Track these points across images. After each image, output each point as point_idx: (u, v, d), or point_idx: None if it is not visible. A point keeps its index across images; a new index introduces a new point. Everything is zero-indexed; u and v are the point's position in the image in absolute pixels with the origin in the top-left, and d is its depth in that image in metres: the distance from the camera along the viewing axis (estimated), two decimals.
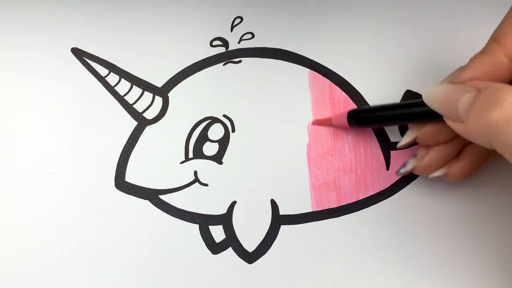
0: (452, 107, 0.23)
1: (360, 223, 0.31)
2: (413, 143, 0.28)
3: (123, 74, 0.33)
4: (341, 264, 0.31)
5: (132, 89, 0.33)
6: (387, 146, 0.32)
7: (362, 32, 0.33)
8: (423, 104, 0.25)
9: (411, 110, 0.26)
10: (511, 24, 0.23)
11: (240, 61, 0.33)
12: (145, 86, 0.33)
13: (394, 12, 0.34)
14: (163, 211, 0.31)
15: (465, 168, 0.27)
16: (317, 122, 0.32)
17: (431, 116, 0.25)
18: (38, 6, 0.34)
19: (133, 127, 0.33)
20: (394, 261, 0.30)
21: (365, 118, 0.29)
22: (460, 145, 0.27)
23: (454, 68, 0.26)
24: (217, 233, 0.31)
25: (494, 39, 0.23)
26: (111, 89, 0.33)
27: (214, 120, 0.32)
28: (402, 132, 0.32)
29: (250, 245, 0.31)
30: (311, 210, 0.31)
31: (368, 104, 0.32)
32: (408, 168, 0.28)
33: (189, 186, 0.32)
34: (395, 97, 0.32)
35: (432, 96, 0.24)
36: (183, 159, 0.32)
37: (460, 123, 0.22)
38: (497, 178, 0.31)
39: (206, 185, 0.32)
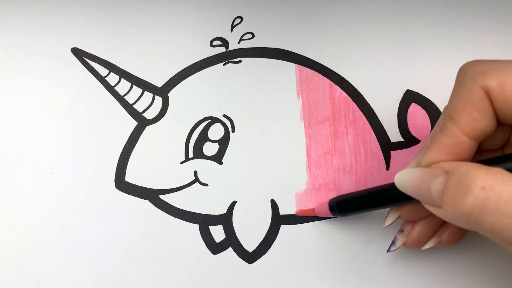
0: (426, 193, 0.22)
1: (360, 223, 0.31)
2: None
3: (123, 74, 0.33)
4: (341, 264, 0.31)
5: (132, 89, 0.33)
6: (387, 146, 0.32)
7: (362, 32, 0.33)
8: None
9: (388, 194, 0.26)
10: (460, 101, 0.22)
11: (240, 61, 0.33)
12: (145, 86, 0.33)
13: (394, 12, 0.34)
14: (163, 211, 0.31)
15: (455, 235, 0.27)
16: (301, 213, 0.31)
17: (408, 199, 0.24)
18: (38, 6, 0.34)
19: (133, 127, 0.33)
20: (394, 261, 0.30)
21: (345, 208, 0.29)
22: None
23: (454, 68, 0.26)
24: (217, 233, 0.31)
25: (450, 116, 0.23)
26: (111, 89, 0.33)
27: (214, 120, 0.32)
28: (402, 132, 0.32)
29: (250, 245, 0.31)
30: None
31: (368, 104, 0.32)
32: (397, 245, 0.28)
33: (189, 186, 0.32)
34: (395, 97, 0.32)
35: (404, 182, 0.24)
36: (183, 159, 0.32)
37: (438, 208, 0.22)
38: None
39: (206, 185, 0.32)
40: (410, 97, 0.32)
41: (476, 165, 0.20)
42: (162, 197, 0.32)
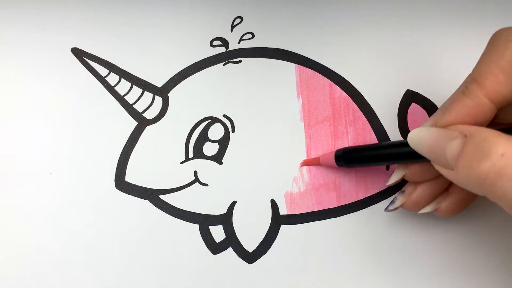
0: (439, 154, 0.22)
1: (360, 223, 0.31)
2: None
3: (123, 74, 0.33)
4: (341, 264, 0.31)
5: (132, 89, 0.33)
6: None
7: (362, 32, 0.33)
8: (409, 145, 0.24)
9: (398, 150, 0.26)
10: (488, 64, 0.22)
11: (240, 61, 0.33)
12: (145, 86, 0.33)
13: (395, 12, 0.34)
14: (163, 211, 0.31)
15: (455, 205, 0.27)
16: (306, 163, 0.31)
17: (418, 157, 0.24)
18: (38, 6, 0.34)
19: (133, 127, 0.33)
20: (394, 261, 0.30)
21: (352, 158, 0.29)
22: (448, 181, 0.27)
23: (454, 68, 0.26)
24: (217, 233, 0.31)
25: (474, 79, 0.23)
26: (111, 89, 0.33)
27: (214, 120, 0.32)
28: (402, 132, 0.32)
29: (250, 245, 0.31)
30: (311, 210, 0.31)
31: (368, 104, 0.32)
32: (396, 204, 0.28)
33: (189, 186, 0.32)
34: (395, 97, 0.32)
35: (418, 140, 0.24)
36: (183, 159, 0.32)
37: (450, 170, 0.22)
38: None
39: (206, 185, 0.32)
40: (410, 97, 0.32)
41: (497, 132, 0.20)
42: (162, 197, 0.32)
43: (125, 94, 0.33)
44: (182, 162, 0.32)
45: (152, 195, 0.32)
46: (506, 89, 0.22)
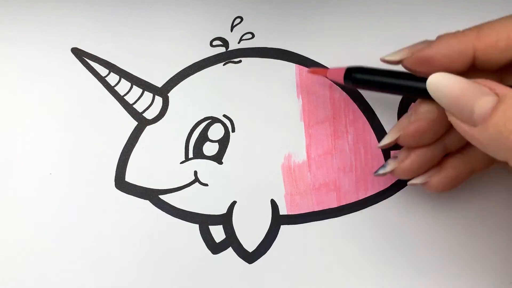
0: (465, 107, 0.21)
1: (360, 223, 0.31)
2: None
3: (123, 74, 0.33)
4: (341, 264, 0.31)
5: (132, 89, 0.33)
6: None
7: (363, 32, 0.33)
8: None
9: (412, 84, 0.25)
10: (503, 26, 0.22)
11: (240, 61, 0.33)
12: (145, 86, 0.33)
13: (395, 12, 0.34)
14: (163, 211, 0.31)
15: (446, 180, 0.27)
16: (313, 71, 0.31)
17: (430, 97, 0.23)
18: (38, 6, 0.34)
19: (133, 127, 0.33)
20: (394, 261, 0.31)
21: (362, 79, 0.27)
22: (442, 151, 0.27)
23: None
24: (217, 233, 0.31)
25: (478, 27, 0.22)
26: (111, 89, 0.33)
27: (214, 120, 0.32)
28: None
29: (250, 245, 0.31)
30: (311, 210, 0.31)
31: (368, 104, 0.32)
32: (387, 169, 0.27)
33: (189, 186, 0.32)
34: (395, 97, 0.32)
35: (440, 87, 0.22)
36: (183, 159, 0.32)
37: (470, 126, 0.21)
38: (497, 178, 0.31)
39: (206, 185, 0.32)
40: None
41: None
42: (162, 197, 0.32)
43: (125, 94, 0.33)
44: (182, 162, 0.32)
45: (152, 195, 0.32)
46: (499, 56, 0.22)
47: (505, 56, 0.22)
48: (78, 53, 0.34)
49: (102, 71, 0.33)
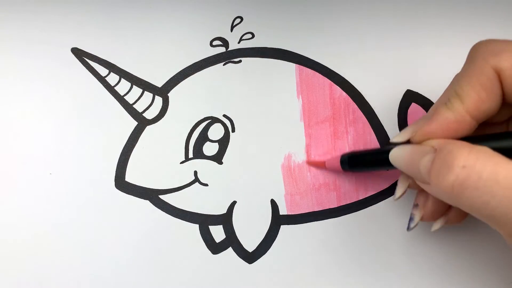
0: (415, 169, 0.23)
1: (360, 223, 0.31)
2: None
3: (123, 74, 0.33)
4: (341, 264, 0.31)
5: (132, 89, 0.33)
6: None
7: (363, 32, 0.33)
8: None
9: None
10: (470, 79, 0.22)
11: (240, 61, 0.33)
12: (145, 86, 0.33)
13: (395, 12, 0.34)
14: (163, 211, 0.31)
15: (463, 212, 0.27)
16: (311, 163, 0.32)
17: None
18: (38, 6, 0.34)
19: (133, 127, 0.33)
20: (394, 261, 0.31)
21: (357, 163, 0.29)
22: None
23: (454, 68, 0.26)
24: (217, 233, 0.31)
25: (457, 94, 0.23)
26: (111, 89, 0.33)
27: (214, 120, 0.32)
28: None
29: (250, 245, 0.31)
30: (311, 210, 0.31)
31: (368, 104, 0.32)
32: (416, 220, 0.27)
33: (189, 186, 0.32)
34: (395, 97, 0.32)
35: (396, 158, 0.24)
36: (183, 159, 0.32)
37: (427, 185, 0.22)
38: None
39: (206, 185, 0.32)
40: (410, 97, 0.32)
41: (461, 144, 0.21)
42: (162, 197, 0.32)
43: (125, 94, 0.33)
44: (182, 162, 0.32)
45: (152, 195, 0.32)
46: (487, 106, 0.22)
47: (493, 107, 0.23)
48: (78, 53, 0.34)
49: (102, 71, 0.33)
